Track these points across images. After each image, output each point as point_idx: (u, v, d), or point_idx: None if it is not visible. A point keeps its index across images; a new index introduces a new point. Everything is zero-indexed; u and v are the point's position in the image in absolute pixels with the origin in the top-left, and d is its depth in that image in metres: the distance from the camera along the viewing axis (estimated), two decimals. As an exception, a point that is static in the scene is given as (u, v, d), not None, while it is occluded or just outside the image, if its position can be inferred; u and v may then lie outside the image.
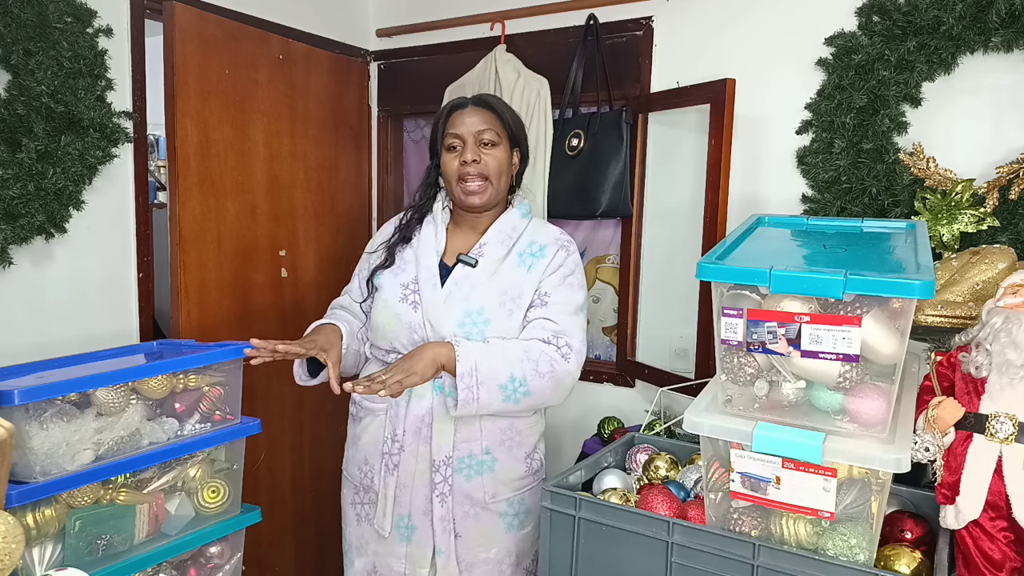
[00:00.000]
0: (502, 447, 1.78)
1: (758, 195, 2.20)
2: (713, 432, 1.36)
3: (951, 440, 1.32)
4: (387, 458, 1.77)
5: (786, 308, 1.28)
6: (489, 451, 1.77)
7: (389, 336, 1.77)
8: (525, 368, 1.66)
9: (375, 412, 1.81)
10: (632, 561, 1.44)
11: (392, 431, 1.76)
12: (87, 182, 2.08)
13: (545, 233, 1.83)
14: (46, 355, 1.87)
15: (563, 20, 2.52)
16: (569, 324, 1.73)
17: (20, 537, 1.13)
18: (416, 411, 1.74)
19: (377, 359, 1.83)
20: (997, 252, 1.65)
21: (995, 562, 1.27)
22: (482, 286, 1.73)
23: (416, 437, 1.74)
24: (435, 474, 1.73)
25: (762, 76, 2.18)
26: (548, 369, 1.68)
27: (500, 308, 1.72)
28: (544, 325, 1.72)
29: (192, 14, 2.20)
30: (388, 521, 1.77)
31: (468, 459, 1.75)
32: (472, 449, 1.75)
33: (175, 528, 1.75)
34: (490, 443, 1.77)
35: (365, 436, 1.82)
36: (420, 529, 1.76)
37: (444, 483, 1.73)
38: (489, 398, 1.65)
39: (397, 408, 1.75)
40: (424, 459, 1.74)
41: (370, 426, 1.81)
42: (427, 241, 1.81)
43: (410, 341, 1.74)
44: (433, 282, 1.75)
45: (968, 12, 1.83)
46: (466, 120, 1.76)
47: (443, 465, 1.73)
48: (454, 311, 1.72)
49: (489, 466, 1.77)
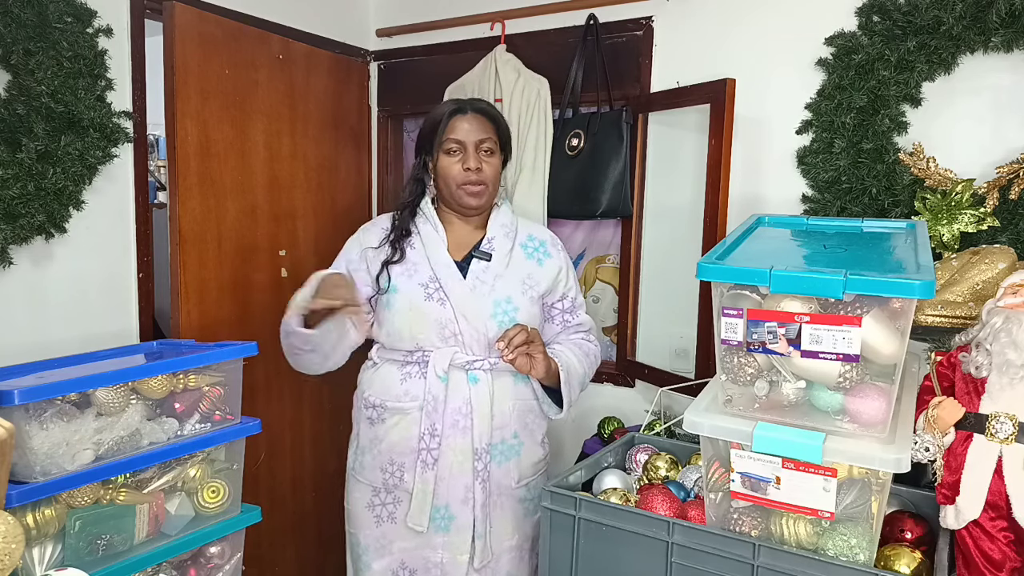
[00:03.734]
0: (525, 431, 1.86)
1: (758, 195, 2.20)
2: (713, 432, 1.36)
3: (951, 440, 1.32)
4: (424, 454, 1.77)
5: (786, 308, 1.28)
6: (517, 435, 1.84)
7: (415, 335, 1.78)
8: (584, 364, 1.90)
9: (405, 411, 1.79)
10: (632, 561, 1.44)
11: (431, 426, 1.76)
12: (87, 182, 2.08)
13: (538, 229, 1.97)
14: (46, 355, 1.87)
15: (563, 20, 2.52)
16: (588, 319, 2.00)
17: (20, 537, 1.13)
18: (454, 403, 1.77)
19: (393, 362, 1.82)
20: (997, 252, 1.65)
21: (995, 562, 1.27)
22: (502, 277, 1.82)
23: (455, 429, 1.77)
24: (477, 462, 1.77)
25: (762, 76, 2.17)
26: (594, 360, 1.97)
27: (523, 296, 1.83)
28: (578, 328, 1.97)
29: (192, 14, 2.20)
30: (426, 516, 1.77)
31: (501, 445, 1.82)
32: (504, 435, 1.82)
33: (175, 528, 1.75)
34: (518, 427, 1.84)
35: (392, 436, 1.80)
36: (459, 517, 1.78)
37: (484, 470, 1.78)
38: (575, 396, 1.88)
39: (435, 402, 1.76)
40: (463, 449, 1.77)
41: (398, 425, 1.80)
42: (432, 239, 1.83)
43: (440, 337, 1.77)
44: (456, 277, 1.79)
45: (968, 12, 1.83)
46: (467, 127, 1.81)
47: (483, 452, 1.78)
48: (484, 302, 1.78)
49: (516, 450, 1.84)
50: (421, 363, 1.79)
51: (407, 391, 1.79)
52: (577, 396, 1.88)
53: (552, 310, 1.93)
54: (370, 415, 1.85)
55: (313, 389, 2.69)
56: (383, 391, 1.82)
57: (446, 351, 1.76)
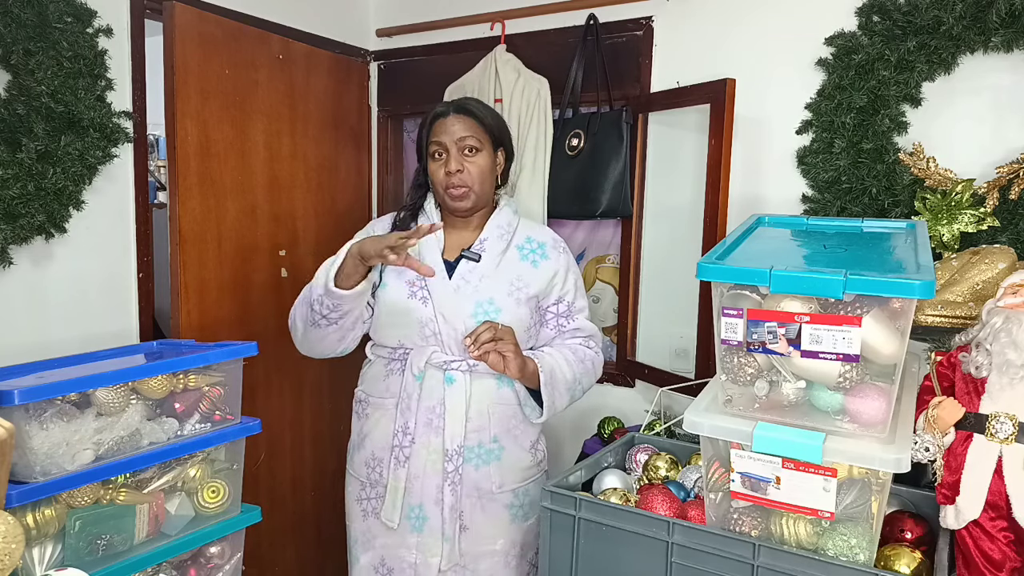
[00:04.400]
0: (508, 436, 1.83)
1: (758, 195, 2.20)
2: (713, 432, 1.36)
3: (951, 440, 1.32)
4: (397, 451, 1.78)
5: (786, 308, 1.28)
6: (497, 439, 1.81)
7: (398, 333, 1.80)
8: (578, 370, 1.86)
9: (384, 407, 1.82)
10: (632, 561, 1.44)
11: (404, 423, 1.78)
12: (87, 182, 2.08)
13: (540, 231, 1.94)
14: (46, 355, 1.87)
15: (563, 20, 2.52)
16: (590, 325, 1.93)
17: (20, 537, 1.13)
18: (427, 402, 1.77)
19: (381, 358, 1.86)
20: (997, 252, 1.65)
21: (995, 562, 1.27)
22: (489, 278, 1.80)
23: (427, 428, 1.77)
24: (447, 463, 1.76)
25: (762, 76, 2.17)
26: (591, 367, 1.91)
27: (509, 297, 1.80)
28: (575, 333, 1.90)
29: (192, 14, 2.20)
30: (397, 513, 1.78)
31: (477, 448, 1.79)
32: (481, 438, 1.80)
33: (175, 528, 1.75)
34: (498, 431, 1.81)
35: (375, 432, 1.84)
36: (432, 518, 1.78)
37: (455, 472, 1.76)
38: (560, 400, 1.83)
39: (408, 400, 1.77)
40: (435, 449, 1.77)
41: (380, 421, 1.83)
42: (428, 240, 1.84)
43: (420, 336, 1.78)
44: (441, 276, 1.79)
45: (968, 12, 1.83)
46: (448, 128, 1.81)
47: (455, 454, 1.76)
48: (465, 303, 1.77)
49: (496, 455, 1.81)
50: (403, 360, 1.81)
51: (388, 387, 1.82)
52: (565, 402, 1.84)
53: (546, 313, 1.89)
54: (358, 410, 1.91)
55: (313, 389, 2.70)
56: (370, 386, 1.88)
57: (425, 349, 1.77)
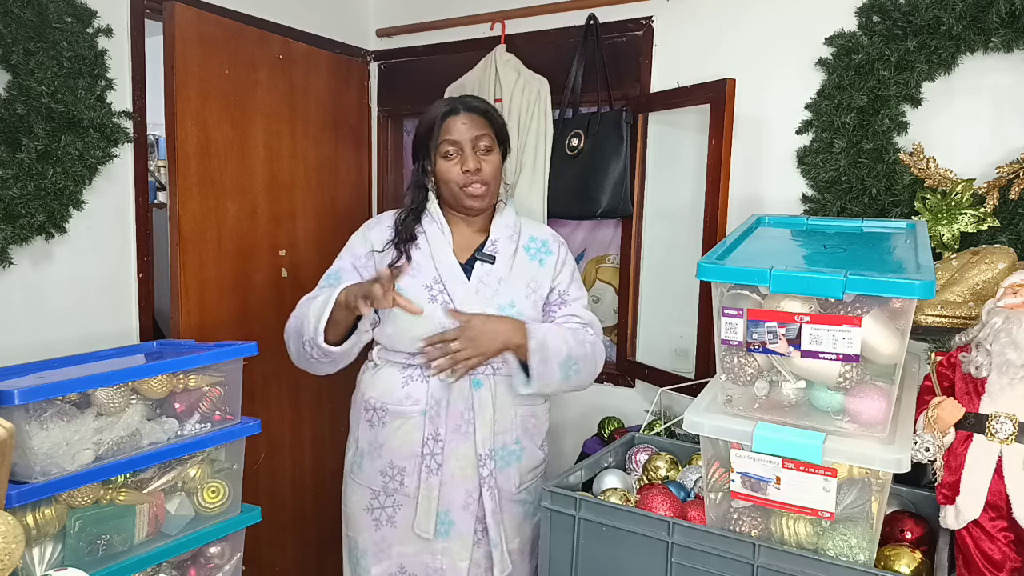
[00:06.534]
0: (526, 435, 1.84)
1: (758, 195, 2.20)
2: (713, 432, 1.36)
3: (951, 440, 1.32)
4: (428, 459, 1.75)
5: (786, 308, 1.28)
6: (519, 440, 1.83)
7: (416, 338, 1.74)
8: (575, 350, 1.78)
9: (406, 415, 1.77)
10: (632, 561, 1.44)
11: (434, 431, 1.74)
12: (87, 182, 2.08)
13: (540, 229, 1.94)
14: (46, 355, 1.87)
15: (563, 20, 2.52)
16: (589, 315, 1.89)
17: (20, 537, 1.13)
18: (457, 408, 1.76)
19: (395, 364, 1.80)
20: (997, 252, 1.65)
21: (995, 562, 1.27)
22: (506, 281, 1.80)
23: (457, 434, 1.75)
24: (481, 468, 1.76)
25: (762, 76, 2.17)
26: (591, 351, 1.82)
27: (527, 300, 1.81)
28: (570, 320, 1.86)
29: (192, 14, 2.20)
30: (432, 523, 1.75)
31: (502, 450, 1.80)
32: (506, 440, 1.80)
33: (175, 528, 1.75)
34: (519, 432, 1.82)
35: (394, 440, 1.78)
36: (458, 523, 1.77)
37: (491, 476, 1.77)
38: (552, 376, 1.75)
39: (437, 407, 1.75)
40: (464, 455, 1.75)
41: (402, 429, 1.77)
42: (438, 240, 1.81)
43: None
44: (461, 279, 1.78)
45: (968, 12, 1.83)
46: (462, 127, 1.78)
47: (487, 458, 1.76)
48: (487, 306, 1.76)
49: (518, 455, 1.82)
50: (423, 366, 1.76)
51: (409, 394, 1.77)
52: (557, 377, 1.75)
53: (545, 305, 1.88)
54: (370, 418, 1.82)
55: (313, 389, 2.69)
56: (385, 393, 1.80)
57: None
